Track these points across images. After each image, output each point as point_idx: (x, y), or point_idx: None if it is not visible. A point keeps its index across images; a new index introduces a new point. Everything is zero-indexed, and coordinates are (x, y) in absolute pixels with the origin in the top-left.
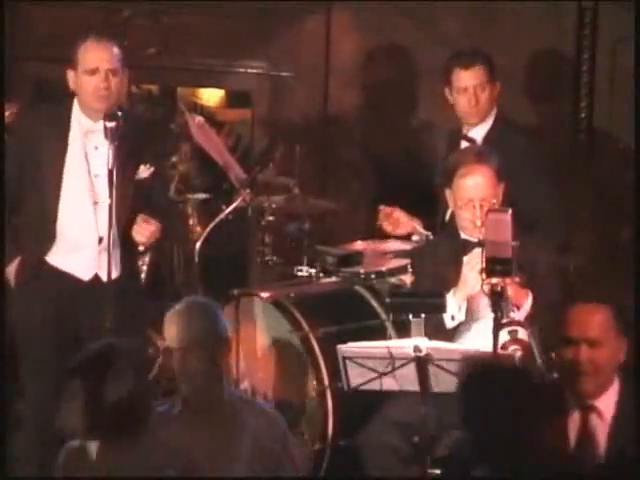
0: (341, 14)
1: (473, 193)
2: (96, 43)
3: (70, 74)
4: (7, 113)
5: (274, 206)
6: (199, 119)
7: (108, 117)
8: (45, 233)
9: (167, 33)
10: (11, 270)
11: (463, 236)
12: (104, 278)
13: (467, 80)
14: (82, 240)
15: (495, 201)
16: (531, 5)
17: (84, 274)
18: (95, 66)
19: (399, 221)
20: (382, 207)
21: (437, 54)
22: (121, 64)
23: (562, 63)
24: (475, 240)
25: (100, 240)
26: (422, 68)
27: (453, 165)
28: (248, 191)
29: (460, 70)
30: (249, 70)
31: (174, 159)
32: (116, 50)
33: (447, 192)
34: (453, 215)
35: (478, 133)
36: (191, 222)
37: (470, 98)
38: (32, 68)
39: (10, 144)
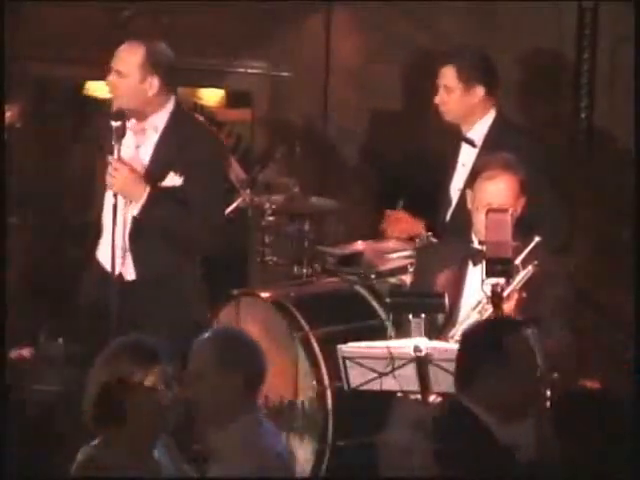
0: (341, 14)
1: (493, 198)
2: (124, 45)
3: None
4: (8, 114)
5: (274, 206)
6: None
7: (113, 116)
8: (93, 229)
9: (167, 33)
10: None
11: (475, 244)
12: (127, 277)
13: (440, 79)
14: (108, 238)
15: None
16: (531, 5)
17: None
18: (110, 65)
19: (405, 226)
20: (388, 211)
21: (437, 54)
22: (139, 69)
23: (562, 63)
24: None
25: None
26: (422, 68)
27: (480, 167)
28: (248, 191)
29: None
30: (249, 70)
31: None
32: (139, 54)
33: (468, 192)
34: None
35: (477, 134)
36: None
37: (441, 95)
38: (32, 68)
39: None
